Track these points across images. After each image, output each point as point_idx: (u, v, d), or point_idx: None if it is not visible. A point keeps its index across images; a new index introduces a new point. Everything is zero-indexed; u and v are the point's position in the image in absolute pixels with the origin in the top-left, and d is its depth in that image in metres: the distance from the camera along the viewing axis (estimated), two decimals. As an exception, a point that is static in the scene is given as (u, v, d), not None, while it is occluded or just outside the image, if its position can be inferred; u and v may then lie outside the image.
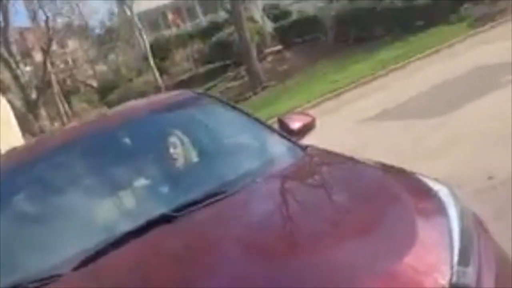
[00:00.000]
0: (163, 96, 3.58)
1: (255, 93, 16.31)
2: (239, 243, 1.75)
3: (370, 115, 7.89)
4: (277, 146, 2.48)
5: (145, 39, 21.85)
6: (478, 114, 5.79)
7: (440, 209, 1.77)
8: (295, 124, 2.69)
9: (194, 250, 1.80)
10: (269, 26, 20.10)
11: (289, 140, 2.52)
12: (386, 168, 2.18)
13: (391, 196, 1.87)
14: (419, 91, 8.15)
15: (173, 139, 2.50)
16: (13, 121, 18.79)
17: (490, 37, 10.73)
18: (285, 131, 2.64)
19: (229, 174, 2.28)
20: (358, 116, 8.14)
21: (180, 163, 2.48)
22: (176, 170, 2.47)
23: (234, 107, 2.74)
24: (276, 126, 2.76)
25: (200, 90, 3.06)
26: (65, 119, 22.38)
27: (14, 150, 2.86)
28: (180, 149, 2.48)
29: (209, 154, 2.57)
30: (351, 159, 2.29)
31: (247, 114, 2.69)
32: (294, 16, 19.94)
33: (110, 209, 2.27)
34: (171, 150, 2.46)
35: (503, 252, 1.81)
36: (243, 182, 2.12)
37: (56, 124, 18.95)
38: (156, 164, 2.46)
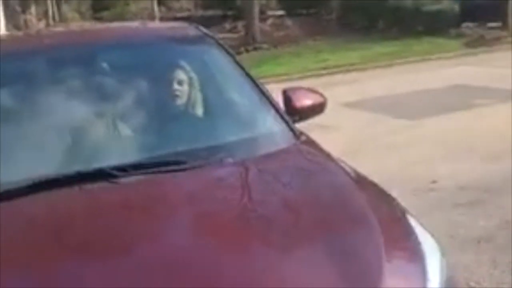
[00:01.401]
0: (167, 25, 3.19)
1: (246, 51, 16.34)
2: (164, 228, 1.54)
3: (347, 101, 8.16)
4: (269, 124, 2.14)
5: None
6: (439, 127, 6.13)
7: (416, 254, 1.46)
8: (301, 101, 2.29)
9: (105, 227, 1.57)
10: (277, -12, 19.95)
11: (285, 120, 2.14)
12: (372, 191, 1.82)
13: (359, 219, 1.58)
14: (398, 92, 8.44)
15: (180, 75, 2.17)
16: (0, 10, 18.35)
17: (480, 60, 11.06)
18: (287, 107, 2.26)
19: (201, 140, 2.01)
20: (336, 99, 8.39)
21: (178, 104, 2.17)
22: (163, 113, 2.14)
23: (238, 63, 2.34)
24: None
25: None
26: (51, 21, 21.89)
27: None
28: (186, 88, 2.15)
29: (201, 108, 2.21)
30: (338, 168, 1.91)
31: (250, 76, 2.29)
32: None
33: (57, 142, 1.94)
34: (175, 86, 2.14)
35: None
36: (211, 157, 1.86)
37: (41, 24, 18.56)
38: (140, 102, 2.08)
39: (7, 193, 1.67)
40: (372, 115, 7.13)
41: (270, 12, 19.17)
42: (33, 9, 17.02)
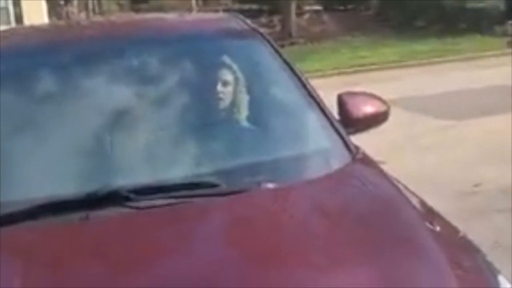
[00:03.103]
0: (208, 16, 2.79)
1: (282, 46, 16.15)
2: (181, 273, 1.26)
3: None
4: (321, 138, 1.78)
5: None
6: (481, 128, 5.95)
7: None
8: (360, 109, 1.92)
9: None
10: (316, -17, 19.77)
11: (340, 133, 1.78)
12: (443, 227, 1.50)
13: (428, 262, 1.31)
14: (437, 91, 8.24)
15: (225, 74, 1.85)
16: (43, 2, 18.74)
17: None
18: (342, 116, 1.91)
19: (240, 156, 1.71)
20: (373, 97, 8.25)
21: (220, 110, 1.86)
22: (202, 119, 1.82)
23: (287, 62, 1.99)
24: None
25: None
26: (91, 14, 22.21)
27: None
28: (231, 91, 1.84)
29: (245, 116, 1.86)
30: (403, 199, 1.57)
31: (300, 78, 1.94)
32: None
33: (69, 154, 1.66)
34: (219, 88, 1.84)
35: None
36: (249, 180, 1.56)
37: (82, 15, 18.86)
38: (173, 108, 1.79)
39: (7, 217, 1.43)
40: (411, 114, 6.97)
41: (307, 7, 19.02)
42: (74, 1, 17.35)
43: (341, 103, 1.96)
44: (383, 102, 2.07)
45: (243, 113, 1.87)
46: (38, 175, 1.62)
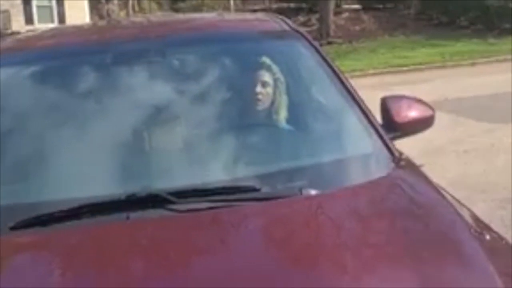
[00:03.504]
0: (248, 17, 2.74)
1: (320, 45, 16.13)
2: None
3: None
4: (363, 143, 1.72)
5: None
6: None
7: None
8: (405, 113, 1.87)
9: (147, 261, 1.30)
10: (355, -18, 19.56)
11: (383, 139, 1.72)
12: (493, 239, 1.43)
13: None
14: (480, 93, 8.01)
15: (264, 75, 1.84)
16: (85, 0, 19.17)
17: None
18: (385, 120, 1.85)
19: (280, 159, 1.67)
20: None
21: (259, 112, 1.83)
22: (242, 124, 1.79)
23: (329, 64, 1.94)
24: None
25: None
26: (131, 12, 22.55)
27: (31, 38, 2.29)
28: (270, 92, 1.83)
29: (284, 118, 1.84)
30: (450, 210, 1.49)
31: (343, 81, 1.88)
32: (384, -20, 19.32)
33: (106, 154, 1.64)
34: (258, 89, 1.82)
35: None
36: (290, 185, 1.53)
37: (122, 14, 19.20)
38: (212, 109, 1.76)
39: (44, 217, 1.43)
40: (453, 116, 6.79)
41: (345, 6, 18.84)
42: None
43: (384, 107, 1.91)
44: (429, 106, 2.00)
45: (283, 115, 1.84)
46: (79, 174, 1.63)
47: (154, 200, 1.44)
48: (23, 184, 1.65)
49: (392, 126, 1.84)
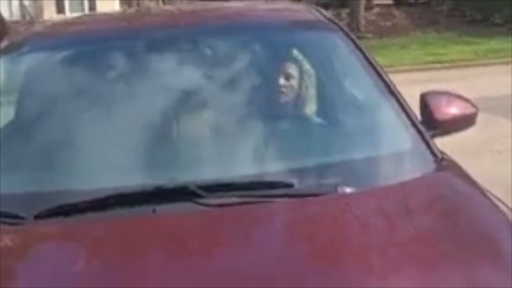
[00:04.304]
0: (279, 5, 2.54)
1: (351, 38, 15.97)
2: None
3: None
4: (401, 140, 1.64)
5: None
6: None
7: None
8: (446, 111, 1.79)
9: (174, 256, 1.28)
10: (387, -23, 19.26)
11: (423, 136, 1.64)
12: None
13: None
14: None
15: (291, 67, 1.79)
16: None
17: None
18: (425, 117, 1.78)
19: (311, 155, 1.59)
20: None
21: (286, 104, 1.79)
22: (268, 117, 1.73)
23: (367, 57, 1.86)
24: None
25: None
26: (160, 1, 22.66)
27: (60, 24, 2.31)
28: (297, 84, 1.77)
29: (314, 111, 1.80)
30: (491, 205, 1.44)
31: (382, 76, 1.81)
32: (417, -25, 18.99)
33: (132, 144, 1.61)
34: (285, 81, 1.78)
35: None
36: (324, 182, 1.46)
37: (152, 3, 19.31)
38: (240, 101, 1.71)
39: (68, 207, 1.40)
40: (488, 116, 6.56)
41: (376, 1, 18.58)
42: (145, -15, 17.75)
43: (424, 103, 1.82)
44: (471, 103, 1.90)
45: (311, 108, 1.80)
46: (106, 163, 1.60)
47: (181, 193, 1.40)
48: (48, 171, 1.62)
49: (432, 124, 1.77)
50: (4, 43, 2.05)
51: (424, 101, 1.83)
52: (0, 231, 1.38)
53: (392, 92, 1.76)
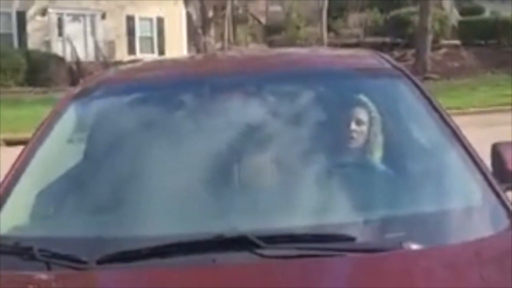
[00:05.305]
0: (345, 52, 2.60)
1: (415, 81, 15.74)
2: None
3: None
4: (471, 193, 1.55)
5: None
6: None
7: None
8: None
9: None
10: (454, 17, 18.95)
11: (495, 190, 1.53)
12: None
13: None
14: None
15: (360, 113, 1.79)
16: (184, 32, 20.11)
17: None
18: (496, 169, 1.70)
19: (375, 206, 1.54)
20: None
21: (353, 151, 1.76)
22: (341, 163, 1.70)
23: (433, 105, 1.81)
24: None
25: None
26: (226, 44, 23.36)
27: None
28: (365, 130, 1.77)
29: (379, 159, 1.74)
30: None
31: (449, 124, 1.73)
32: (486, 15, 18.57)
33: (190, 190, 1.60)
34: (353, 126, 1.77)
35: None
36: (388, 236, 1.40)
37: (218, 45, 19.93)
38: (304, 147, 1.70)
39: (130, 254, 1.39)
40: None
41: (444, 41, 18.25)
42: (212, 31, 18.34)
43: (496, 153, 1.73)
44: None
45: (378, 155, 1.75)
46: (169, 210, 1.59)
47: (241, 243, 1.37)
48: (112, 216, 1.64)
49: (504, 176, 1.65)
50: (78, 88, 2.15)
51: (496, 151, 1.74)
52: (63, 275, 1.41)
53: (461, 141, 1.66)
